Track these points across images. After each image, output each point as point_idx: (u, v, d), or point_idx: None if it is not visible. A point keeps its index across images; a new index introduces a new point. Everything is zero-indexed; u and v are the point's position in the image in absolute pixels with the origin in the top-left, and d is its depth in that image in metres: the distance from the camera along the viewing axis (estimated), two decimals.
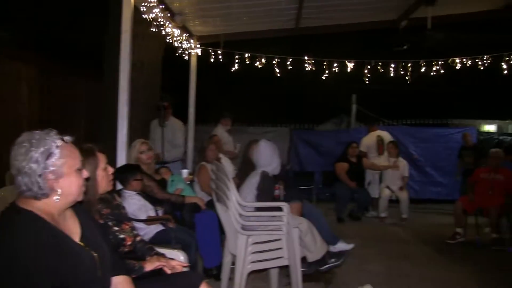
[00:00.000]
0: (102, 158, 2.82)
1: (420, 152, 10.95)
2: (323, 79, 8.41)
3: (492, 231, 6.64)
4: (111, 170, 2.91)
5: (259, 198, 4.30)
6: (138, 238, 3.13)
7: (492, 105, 17.34)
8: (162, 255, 2.93)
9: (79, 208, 2.11)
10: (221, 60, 7.86)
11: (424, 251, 6.48)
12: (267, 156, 4.49)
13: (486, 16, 7.88)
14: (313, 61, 8.12)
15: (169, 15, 6.33)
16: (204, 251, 4.62)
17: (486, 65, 8.13)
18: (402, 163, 8.87)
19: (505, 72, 8.01)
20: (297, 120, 13.08)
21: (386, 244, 6.75)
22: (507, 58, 7.92)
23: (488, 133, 14.06)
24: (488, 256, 6.22)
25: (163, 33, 6.34)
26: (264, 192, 4.36)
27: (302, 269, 4.25)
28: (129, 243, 3.04)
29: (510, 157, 7.56)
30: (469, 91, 16.95)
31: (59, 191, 1.92)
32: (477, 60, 8.16)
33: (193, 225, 4.61)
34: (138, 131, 6.90)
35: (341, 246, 5.10)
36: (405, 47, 6.93)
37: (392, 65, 8.43)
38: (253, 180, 4.42)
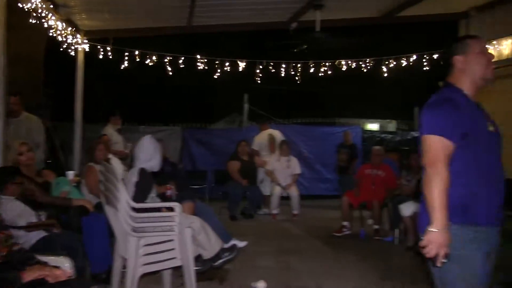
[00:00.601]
0: None
1: (309, 150, 11.36)
2: (215, 78, 8.43)
3: (375, 223, 7.10)
4: None
5: (136, 196, 4.15)
6: (16, 247, 2.90)
7: (375, 106, 18.55)
8: (45, 264, 2.74)
9: None
10: (111, 57, 7.58)
11: (313, 244, 6.73)
12: (149, 152, 4.38)
13: (366, 22, 8.47)
14: (205, 60, 8.11)
15: (51, 6, 5.96)
16: (92, 256, 4.40)
17: (369, 67, 8.69)
18: (293, 161, 9.11)
19: (385, 74, 8.65)
20: (189, 119, 12.99)
21: (278, 240, 6.91)
22: (386, 62, 8.53)
23: (371, 131, 14.93)
24: (370, 245, 6.65)
25: (45, 25, 5.96)
26: (142, 190, 4.24)
27: (197, 267, 4.22)
28: (3, 253, 2.80)
29: (391, 155, 8.10)
30: (355, 92, 17.96)
31: None
32: (360, 63, 8.69)
33: (80, 229, 4.39)
34: None
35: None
36: (305, 46, 7.14)
37: (283, 66, 8.68)
38: (133, 178, 4.28)
